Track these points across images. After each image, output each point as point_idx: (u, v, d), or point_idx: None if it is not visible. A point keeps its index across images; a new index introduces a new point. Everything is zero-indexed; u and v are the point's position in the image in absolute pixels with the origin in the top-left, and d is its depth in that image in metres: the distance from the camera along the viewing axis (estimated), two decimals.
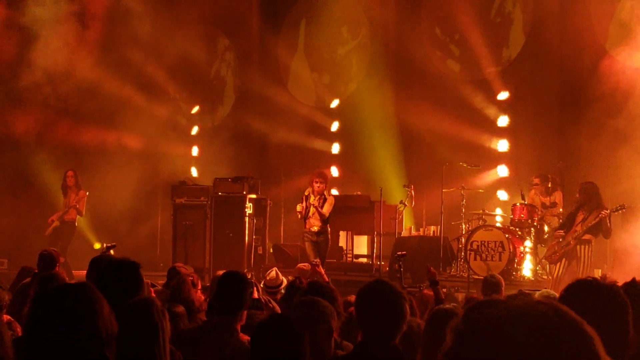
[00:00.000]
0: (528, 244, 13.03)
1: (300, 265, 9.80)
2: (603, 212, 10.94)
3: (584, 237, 11.25)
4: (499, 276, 8.73)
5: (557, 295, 5.33)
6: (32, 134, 16.35)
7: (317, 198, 12.62)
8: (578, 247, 11.28)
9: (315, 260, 8.94)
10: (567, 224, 11.54)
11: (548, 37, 14.76)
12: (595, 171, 12.14)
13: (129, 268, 4.53)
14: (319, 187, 12.60)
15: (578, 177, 12.71)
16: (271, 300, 7.11)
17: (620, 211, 11.20)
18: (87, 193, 14.74)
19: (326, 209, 12.62)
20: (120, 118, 17.22)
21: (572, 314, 1.52)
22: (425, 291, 7.85)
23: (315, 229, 12.60)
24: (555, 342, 1.47)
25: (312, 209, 12.59)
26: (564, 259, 11.41)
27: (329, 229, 12.78)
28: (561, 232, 11.51)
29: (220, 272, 7.86)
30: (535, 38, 15.04)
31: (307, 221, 12.68)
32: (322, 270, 9.03)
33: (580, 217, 11.30)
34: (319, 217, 12.59)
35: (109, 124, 17.19)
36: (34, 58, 15.94)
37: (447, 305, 4.59)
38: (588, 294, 2.57)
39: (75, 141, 16.67)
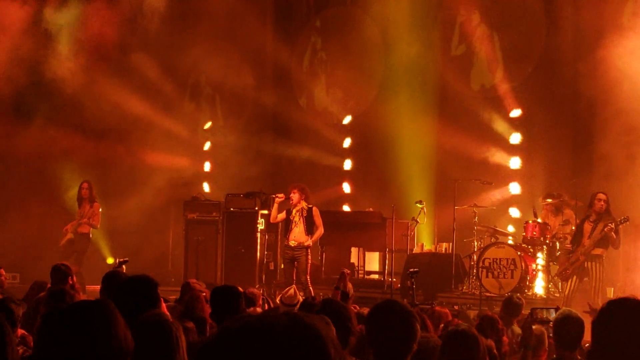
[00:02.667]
0: (540, 261, 12.98)
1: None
2: (608, 227, 10.87)
3: (593, 252, 11.16)
4: (522, 298, 8.66)
5: (574, 312, 5.34)
6: (46, 148, 16.41)
7: (297, 211, 12.48)
8: (587, 263, 11.19)
9: (346, 270, 8.90)
10: (577, 237, 11.48)
11: (561, 54, 14.76)
12: (609, 188, 12.08)
13: (148, 284, 4.55)
14: (293, 197, 12.46)
15: (590, 193, 12.66)
16: None
17: (624, 223, 11.13)
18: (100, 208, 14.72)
19: (319, 221, 12.52)
20: (133, 133, 17.28)
21: (308, 321, 1.68)
22: (438, 308, 7.84)
23: (293, 243, 12.45)
24: (289, 346, 1.63)
25: (293, 223, 12.47)
26: (574, 276, 11.33)
27: (311, 244, 12.55)
28: (569, 247, 11.46)
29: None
30: (549, 55, 15.04)
31: (288, 235, 12.59)
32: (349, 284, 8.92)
33: (588, 228, 11.23)
34: (303, 231, 12.45)
35: (122, 138, 17.24)
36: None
37: (462, 326, 4.58)
38: (629, 312, 2.57)
39: (88, 156, 16.72)
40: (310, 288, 12.24)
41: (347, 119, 17.48)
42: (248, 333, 1.64)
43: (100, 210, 14.55)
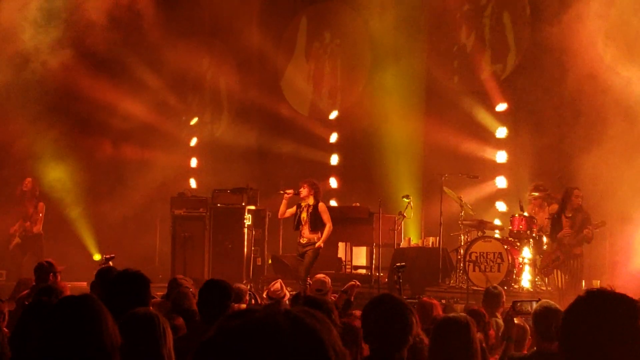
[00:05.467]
0: (527, 255, 13.03)
1: (318, 275, 9.72)
2: (586, 231, 10.98)
3: (573, 251, 11.21)
4: (501, 288, 8.76)
5: (552, 303, 5.36)
6: (30, 145, 16.33)
7: (305, 208, 12.44)
8: (570, 261, 11.22)
9: (357, 282, 9.01)
10: (556, 232, 11.49)
11: (546, 49, 14.78)
12: (594, 182, 12.13)
13: (135, 279, 4.56)
14: (303, 190, 12.42)
15: (576, 187, 12.70)
16: None
17: (601, 228, 11.22)
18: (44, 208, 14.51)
19: (326, 218, 12.49)
20: (120, 129, 17.24)
21: (309, 322, 1.65)
22: (425, 299, 7.87)
23: (304, 241, 12.45)
24: (286, 348, 1.61)
25: (302, 220, 12.45)
26: (558, 271, 11.36)
27: (320, 238, 12.52)
28: (556, 250, 11.47)
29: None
30: (534, 49, 15.08)
31: (300, 232, 12.54)
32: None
33: (566, 224, 11.25)
34: (308, 228, 12.42)
35: (108, 135, 17.20)
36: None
37: (453, 314, 4.59)
38: (601, 304, 2.57)
39: (75, 152, 16.65)
40: (308, 282, 12.22)
41: (333, 114, 17.47)
42: (247, 332, 1.62)
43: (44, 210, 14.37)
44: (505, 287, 12.12)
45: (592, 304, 2.57)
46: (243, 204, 15.12)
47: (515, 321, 5.50)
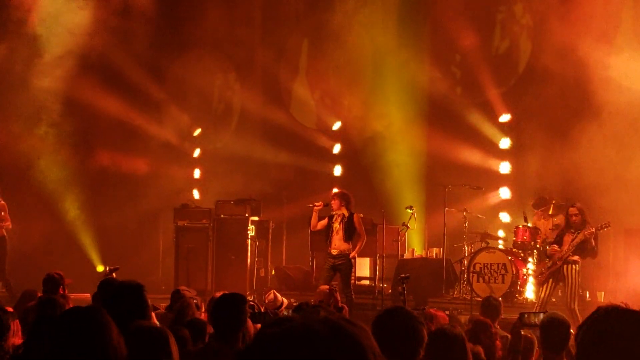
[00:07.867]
0: (531, 266, 12.99)
1: (322, 287, 9.69)
2: (588, 231, 10.57)
3: (570, 258, 10.83)
4: (499, 298, 8.74)
5: (560, 314, 5.34)
6: (35, 155, 16.35)
7: (338, 218, 12.31)
8: (564, 267, 10.80)
9: (334, 284, 9.00)
10: (558, 242, 11.13)
11: (549, 59, 14.80)
12: (599, 193, 12.10)
13: (134, 290, 4.54)
14: (333, 203, 12.30)
15: (581, 198, 12.68)
16: None
17: (605, 229, 10.75)
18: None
19: (360, 229, 12.30)
20: (123, 141, 17.25)
21: (349, 329, 1.66)
22: (432, 310, 7.87)
23: (335, 252, 12.28)
24: (328, 353, 1.62)
25: (334, 231, 12.34)
26: (550, 280, 10.97)
27: (355, 255, 12.34)
28: (555, 247, 11.07)
29: (218, 293, 7.89)
30: (537, 60, 15.08)
31: (329, 243, 12.43)
32: (338, 297, 8.93)
33: (568, 239, 10.87)
34: (341, 238, 12.29)
35: (111, 146, 17.20)
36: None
37: (446, 326, 4.57)
38: (615, 322, 2.55)
39: (78, 163, 16.66)
40: (353, 296, 12.13)
41: (336, 125, 17.47)
42: (287, 339, 1.63)
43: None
44: (510, 299, 12.11)
45: (607, 322, 2.55)
46: (246, 215, 15.11)
47: (522, 333, 5.48)
